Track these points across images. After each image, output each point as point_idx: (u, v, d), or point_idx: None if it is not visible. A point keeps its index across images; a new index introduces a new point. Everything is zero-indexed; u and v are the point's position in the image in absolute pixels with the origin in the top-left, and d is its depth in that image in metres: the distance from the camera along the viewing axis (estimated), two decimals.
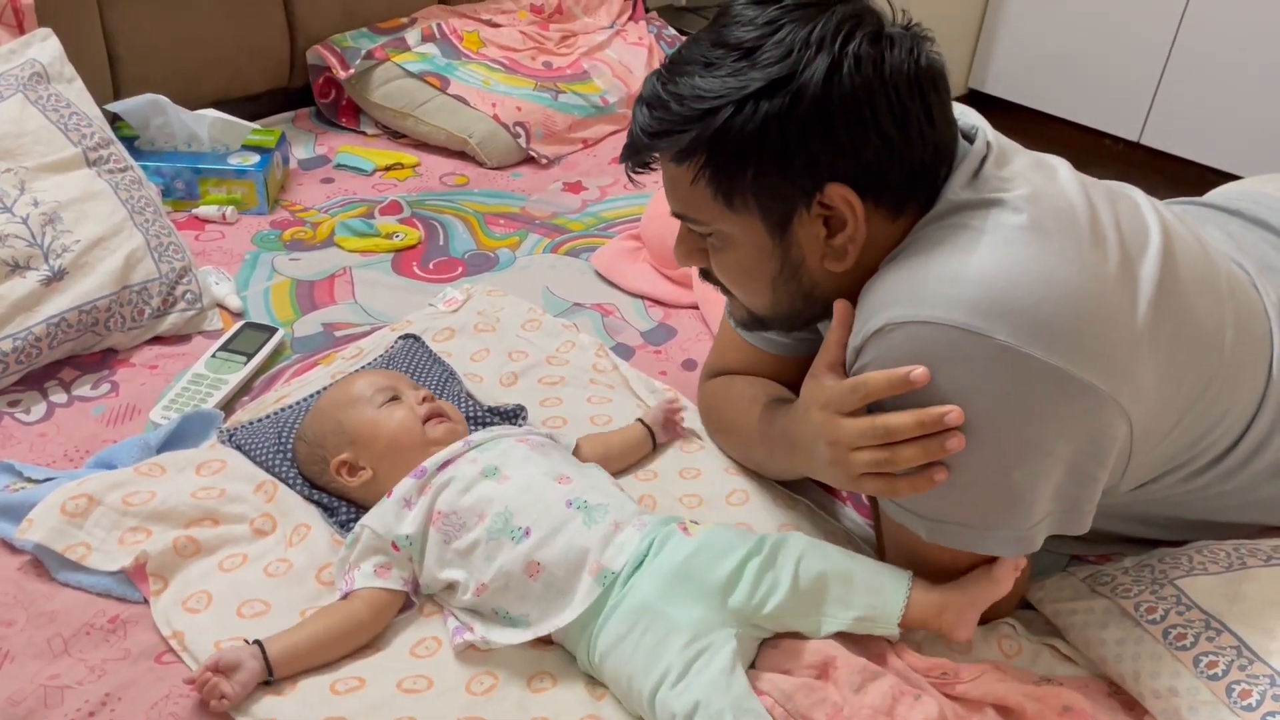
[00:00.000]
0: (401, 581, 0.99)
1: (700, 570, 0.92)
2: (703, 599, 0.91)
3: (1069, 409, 0.84)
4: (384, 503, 1.02)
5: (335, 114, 2.04)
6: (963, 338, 0.82)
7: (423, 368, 1.30)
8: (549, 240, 1.70)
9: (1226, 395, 0.94)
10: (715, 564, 0.93)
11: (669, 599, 0.91)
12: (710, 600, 0.91)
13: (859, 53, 0.84)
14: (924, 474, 0.87)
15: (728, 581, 0.92)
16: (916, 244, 0.89)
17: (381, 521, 1.00)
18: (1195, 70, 2.79)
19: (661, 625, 0.90)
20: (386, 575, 0.99)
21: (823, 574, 0.92)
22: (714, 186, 0.89)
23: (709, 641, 0.88)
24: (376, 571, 0.99)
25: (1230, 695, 0.84)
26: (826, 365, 0.93)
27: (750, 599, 0.91)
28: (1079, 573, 1.01)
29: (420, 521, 0.99)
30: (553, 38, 2.25)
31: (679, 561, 0.93)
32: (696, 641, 0.88)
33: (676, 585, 0.92)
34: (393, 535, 0.99)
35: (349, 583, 0.98)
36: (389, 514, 1.00)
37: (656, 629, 0.90)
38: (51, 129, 1.41)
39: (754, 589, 0.91)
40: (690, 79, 0.88)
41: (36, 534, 1.01)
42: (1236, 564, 0.94)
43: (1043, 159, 0.97)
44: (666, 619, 0.90)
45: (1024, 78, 3.16)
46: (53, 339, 1.28)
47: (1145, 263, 0.90)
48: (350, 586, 0.98)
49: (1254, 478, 0.99)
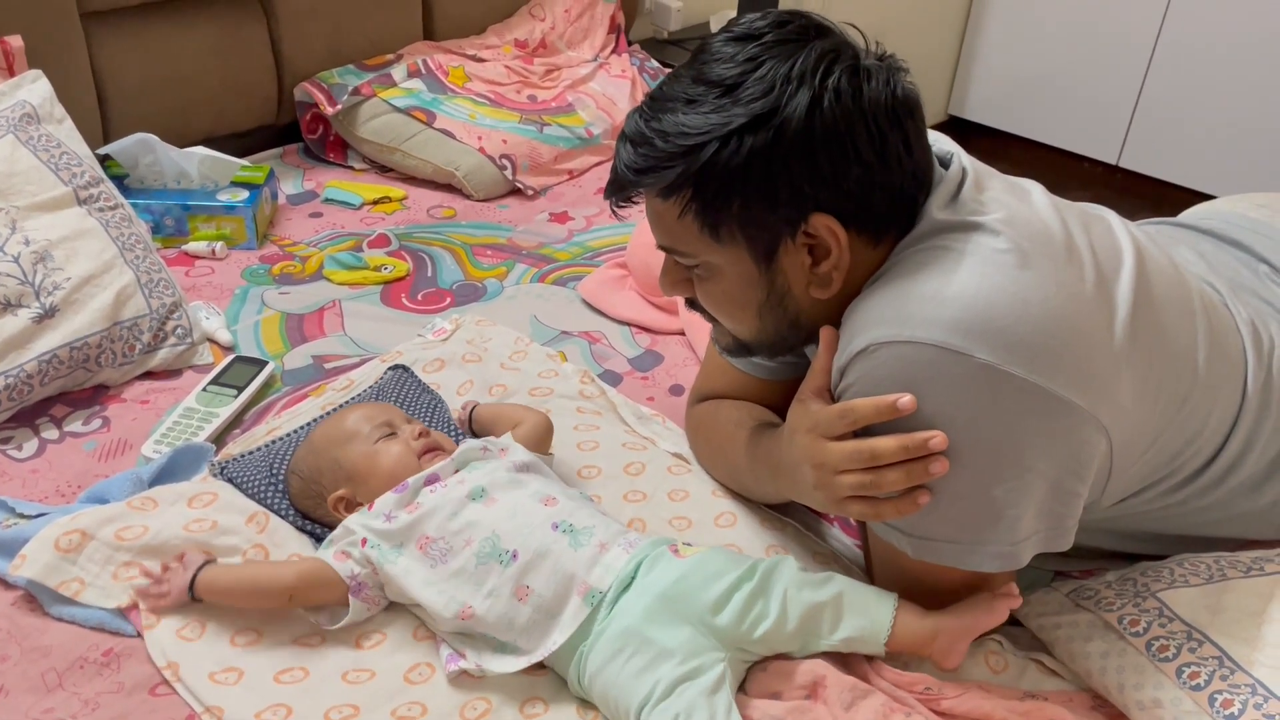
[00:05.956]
0: (350, 575, 1.00)
1: (690, 593, 0.93)
2: (691, 622, 0.92)
3: (1049, 426, 0.86)
4: (363, 512, 1.04)
5: (323, 149, 2.06)
6: (944, 357, 0.84)
7: (412, 398, 1.31)
8: (536, 270, 1.72)
9: (1202, 411, 0.96)
10: (705, 588, 0.93)
11: (657, 621, 0.92)
12: (698, 624, 0.92)
13: (838, 86, 0.86)
14: (908, 497, 0.88)
15: (716, 605, 0.92)
16: (898, 266, 0.91)
17: (360, 521, 1.03)
18: (1171, 94, 2.84)
19: (650, 648, 0.90)
20: (343, 560, 1.01)
21: (813, 601, 0.93)
22: (701, 220, 0.91)
23: (697, 664, 0.89)
24: (335, 556, 1.01)
25: (1213, 705, 0.85)
26: (812, 390, 0.94)
27: (739, 625, 0.92)
28: (1063, 588, 1.02)
29: (399, 535, 1.01)
30: (537, 71, 2.28)
31: (669, 584, 0.94)
32: (684, 664, 0.89)
33: (665, 608, 0.92)
34: (366, 532, 1.02)
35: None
36: (371, 519, 1.03)
37: (645, 651, 0.90)
38: (42, 169, 1.42)
39: (743, 615, 0.92)
40: (674, 116, 0.89)
41: (30, 570, 1.01)
42: (1217, 576, 0.96)
43: (1017, 183, 0.99)
44: (654, 642, 0.90)
45: (1003, 103, 3.21)
46: (44, 376, 1.29)
47: (1120, 282, 0.92)
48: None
49: (1231, 492, 1.00)
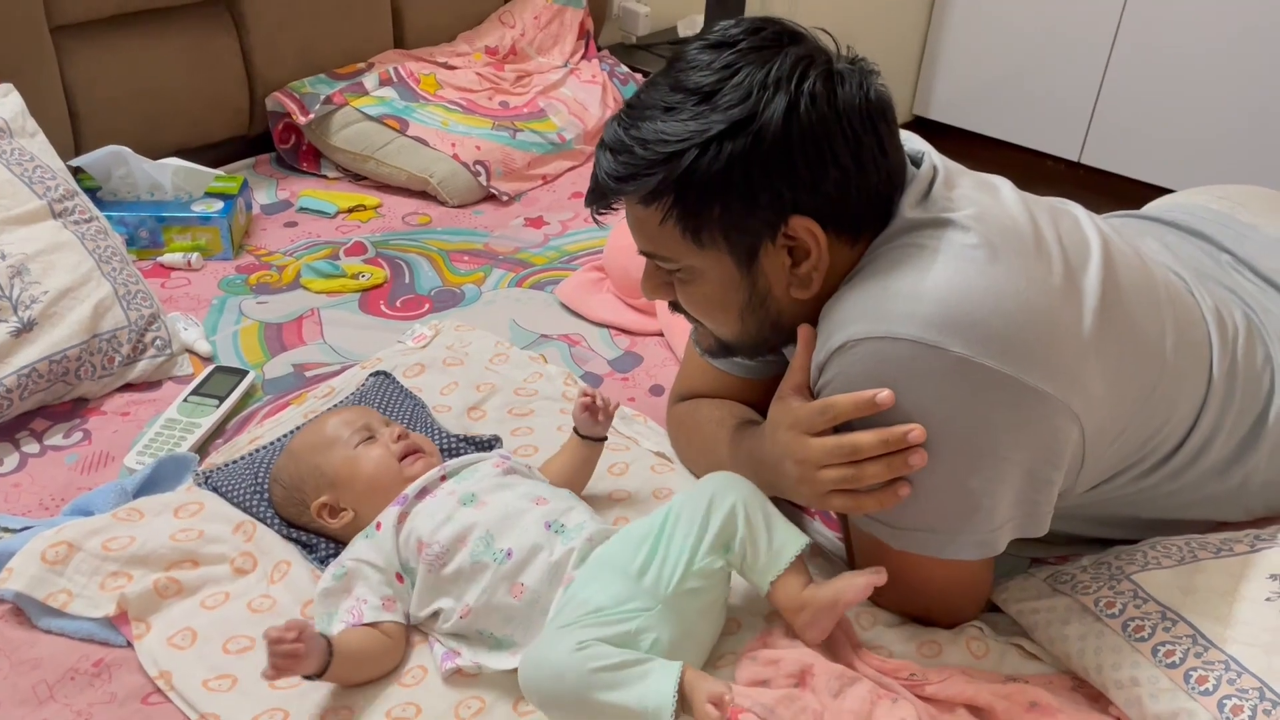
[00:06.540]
0: (403, 615, 1.00)
1: (620, 555, 0.94)
2: (619, 579, 0.92)
3: (1023, 416, 0.88)
4: (375, 536, 1.02)
5: (296, 159, 2.06)
6: (921, 351, 0.86)
7: (394, 403, 1.32)
8: (513, 275, 1.73)
9: (1170, 398, 0.99)
10: (635, 546, 0.94)
11: (588, 585, 0.93)
12: (627, 580, 0.92)
13: (814, 91, 0.88)
14: (889, 490, 0.90)
15: (645, 562, 0.93)
16: (873, 264, 0.93)
17: (381, 554, 1.01)
18: (1130, 91, 2.89)
19: (573, 605, 0.92)
20: (393, 608, 0.99)
21: (729, 526, 0.93)
22: (682, 225, 0.93)
23: (612, 613, 0.90)
24: (384, 604, 0.99)
25: (1188, 681, 0.88)
26: (793, 388, 0.96)
27: (662, 570, 0.92)
28: (1040, 573, 1.04)
29: (410, 551, 1.01)
30: (508, 78, 2.29)
31: (606, 550, 0.96)
32: (603, 611, 0.90)
33: (599, 572, 0.94)
34: (395, 567, 1.01)
35: (356, 616, 0.97)
36: (386, 545, 1.01)
37: (568, 609, 0.92)
38: (16, 182, 1.42)
39: (664, 560, 0.92)
40: (653, 123, 0.91)
41: (17, 583, 1.01)
42: (1189, 558, 0.98)
43: (985, 179, 1.02)
44: (580, 600, 0.92)
45: (966, 104, 3.25)
46: (24, 389, 1.28)
47: (1088, 274, 0.94)
48: (358, 620, 0.97)
49: (1200, 476, 1.03)
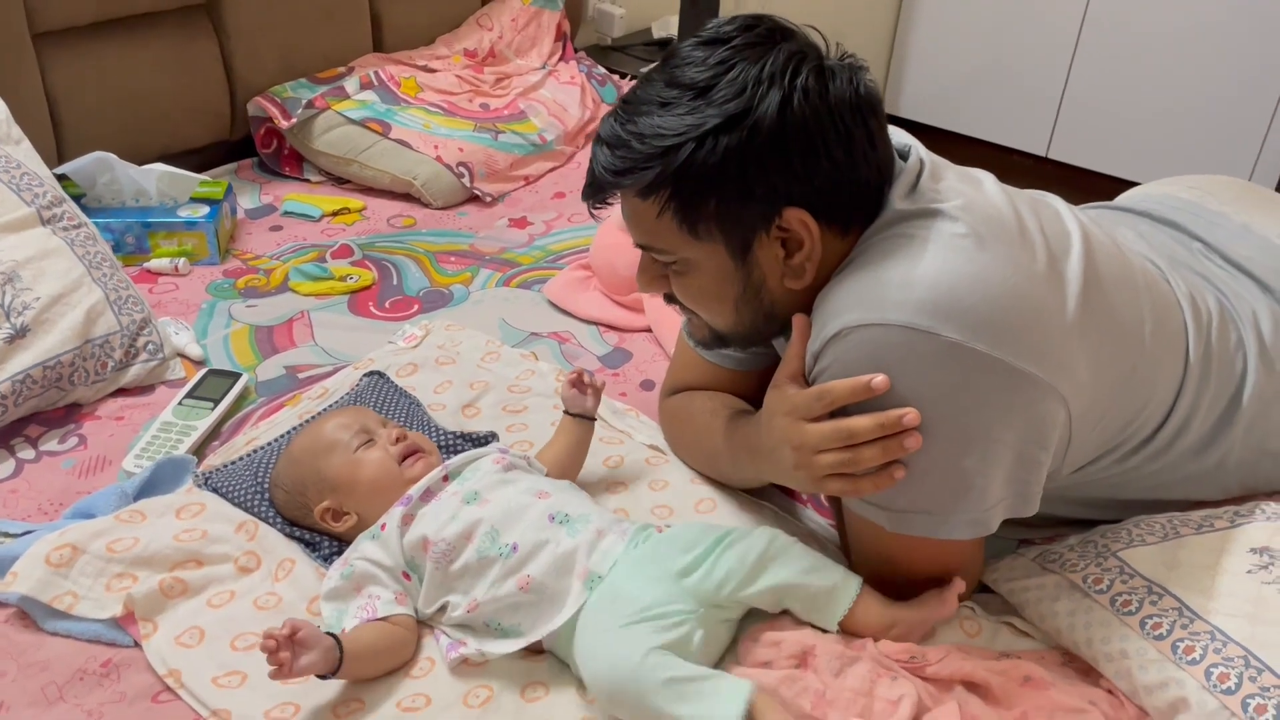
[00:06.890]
0: (414, 610, 1.02)
1: (664, 557, 0.97)
2: (664, 580, 0.95)
3: (1013, 398, 0.91)
4: (381, 536, 1.04)
5: (278, 163, 2.07)
6: (914, 337, 0.89)
7: (390, 402, 1.33)
8: (500, 274, 1.74)
9: (1149, 381, 1.02)
10: (681, 552, 0.97)
11: (632, 580, 0.95)
12: (670, 581, 0.95)
13: (807, 86, 0.91)
14: (884, 473, 0.93)
15: (689, 566, 0.96)
16: (865, 254, 0.95)
17: (388, 554, 1.02)
18: (1095, 86, 2.95)
19: (623, 601, 0.94)
20: (405, 603, 1.01)
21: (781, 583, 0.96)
22: (679, 218, 0.95)
23: (663, 611, 0.92)
24: (397, 598, 1.00)
25: (1176, 652, 0.91)
26: (788, 375, 0.98)
27: (705, 581, 0.95)
28: (1029, 553, 1.07)
29: (416, 550, 1.02)
30: (488, 80, 2.30)
31: (647, 549, 0.98)
32: (651, 610, 0.92)
33: (641, 569, 0.96)
34: (402, 566, 1.02)
35: (370, 611, 0.98)
36: (392, 545, 1.02)
37: (619, 604, 0.94)
38: (4, 190, 1.41)
39: (709, 573, 0.95)
40: (649, 119, 0.93)
41: (22, 586, 1.01)
42: (1171, 534, 1.02)
43: (969, 172, 1.05)
44: (628, 597, 0.94)
45: (935, 101, 3.29)
46: (18, 396, 1.29)
47: (1070, 263, 0.97)
48: (373, 615, 0.98)
49: (1179, 457, 1.06)
